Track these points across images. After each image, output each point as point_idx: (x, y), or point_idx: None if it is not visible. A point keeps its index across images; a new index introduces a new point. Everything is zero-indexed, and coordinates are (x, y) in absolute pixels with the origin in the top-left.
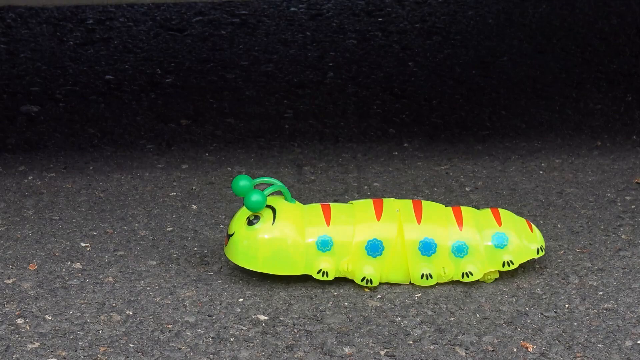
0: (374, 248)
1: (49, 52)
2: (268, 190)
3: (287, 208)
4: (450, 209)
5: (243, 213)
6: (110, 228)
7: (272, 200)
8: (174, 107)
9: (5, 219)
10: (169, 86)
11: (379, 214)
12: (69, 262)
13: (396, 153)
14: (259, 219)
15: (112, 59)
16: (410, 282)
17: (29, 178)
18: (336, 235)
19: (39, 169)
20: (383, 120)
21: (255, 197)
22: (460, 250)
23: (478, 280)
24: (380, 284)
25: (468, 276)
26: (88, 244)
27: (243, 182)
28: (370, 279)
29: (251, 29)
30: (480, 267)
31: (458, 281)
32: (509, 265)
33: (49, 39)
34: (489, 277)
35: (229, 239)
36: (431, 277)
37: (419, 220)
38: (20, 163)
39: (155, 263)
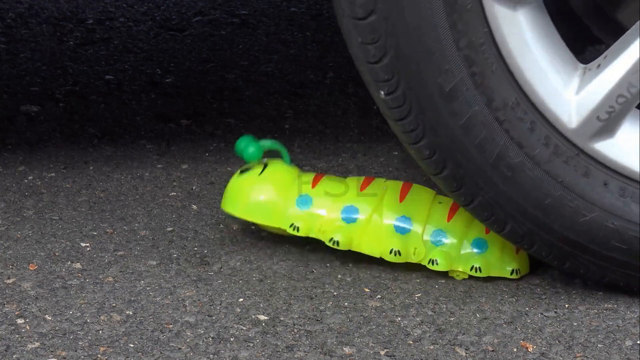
0: (349, 213)
1: (49, 52)
2: (266, 143)
3: (280, 166)
4: (451, 202)
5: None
6: (110, 228)
7: (270, 160)
8: (174, 107)
9: (5, 219)
10: (169, 86)
11: (364, 186)
12: (69, 262)
13: (396, 153)
14: (250, 169)
15: (112, 59)
16: (380, 256)
17: (29, 178)
18: (316, 196)
19: (39, 169)
20: (383, 120)
21: (251, 148)
22: (437, 237)
23: (462, 276)
24: (379, 284)
25: (433, 264)
26: (88, 244)
27: (249, 147)
28: (337, 241)
29: (251, 29)
30: (449, 261)
31: (458, 281)
32: (476, 272)
33: (49, 39)
34: (457, 274)
35: None
36: (400, 254)
37: (401, 199)
38: (20, 163)
39: (155, 263)
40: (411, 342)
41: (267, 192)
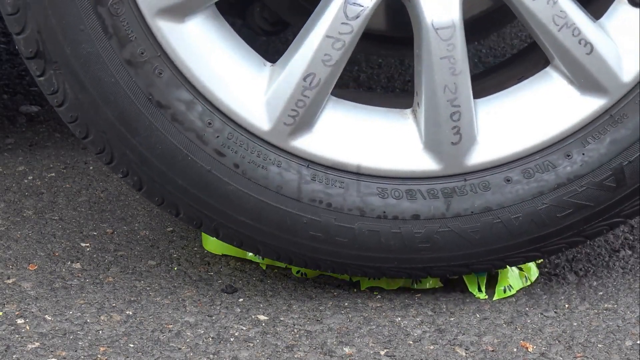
0: None
1: None
2: None
3: None
4: None
5: None
6: (110, 228)
7: None
8: None
9: (5, 219)
10: None
11: None
12: (69, 262)
13: None
14: None
15: None
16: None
17: (29, 178)
18: None
19: (39, 169)
20: None
21: None
22: None
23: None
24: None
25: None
26: (88, 244)
27: None
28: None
29: None
30: None
31: (458, 280)
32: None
33: None
34: None
35: None
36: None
37: None
38: (20, 163)
39: (155, 263)
40: (411, 342)
41: None
